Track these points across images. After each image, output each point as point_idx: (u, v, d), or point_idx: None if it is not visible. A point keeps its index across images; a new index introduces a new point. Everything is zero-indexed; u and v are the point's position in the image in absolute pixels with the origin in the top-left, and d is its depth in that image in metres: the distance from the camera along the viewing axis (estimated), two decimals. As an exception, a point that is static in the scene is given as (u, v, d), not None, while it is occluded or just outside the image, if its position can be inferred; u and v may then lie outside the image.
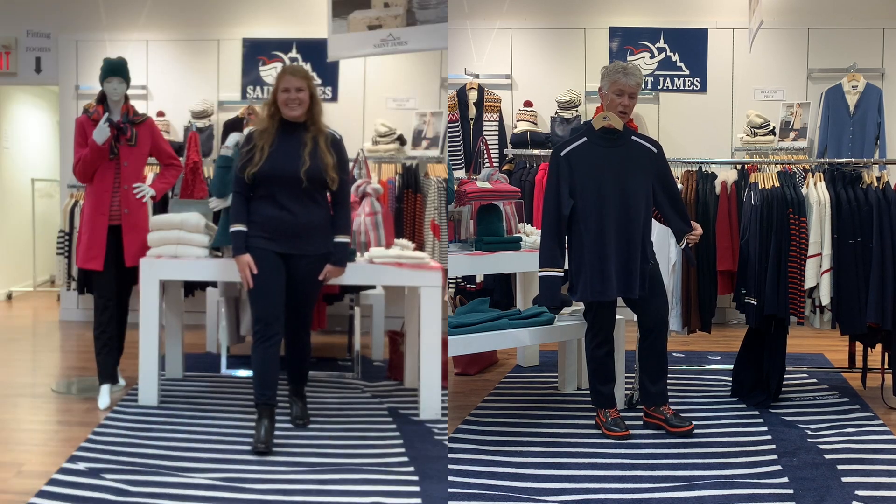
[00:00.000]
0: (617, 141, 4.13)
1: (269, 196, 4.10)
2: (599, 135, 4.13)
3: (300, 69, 4.21)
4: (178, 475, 3.64)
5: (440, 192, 6.54)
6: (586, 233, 4.09)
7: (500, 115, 7.16)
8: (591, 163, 4.10)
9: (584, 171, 4.09)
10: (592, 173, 4.09)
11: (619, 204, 4.08)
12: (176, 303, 5.29)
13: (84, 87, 7.43)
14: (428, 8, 5.70)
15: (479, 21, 7.46)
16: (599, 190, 4.08)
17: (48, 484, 3.53)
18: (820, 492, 3.45)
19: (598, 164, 4.10)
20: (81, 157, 4.75)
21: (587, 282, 4.10)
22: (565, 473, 3.69)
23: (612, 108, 4.19)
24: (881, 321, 4.59)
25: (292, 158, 4.08)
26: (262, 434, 3.99)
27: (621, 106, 4.17)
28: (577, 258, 4.14)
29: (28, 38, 7.67)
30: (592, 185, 4.08)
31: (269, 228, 4.10)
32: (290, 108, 4.10)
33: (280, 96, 4.10)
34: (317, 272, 4.23)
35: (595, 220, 4.08)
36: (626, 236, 4.09)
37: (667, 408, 4.25)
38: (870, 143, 6.84)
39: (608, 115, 4.11)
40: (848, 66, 7.02)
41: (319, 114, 4.20)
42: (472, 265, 4.67)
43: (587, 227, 4.09)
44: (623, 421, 4.22)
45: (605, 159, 4.10)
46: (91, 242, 4.78)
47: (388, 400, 4.91)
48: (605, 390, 4.31)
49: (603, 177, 4.09)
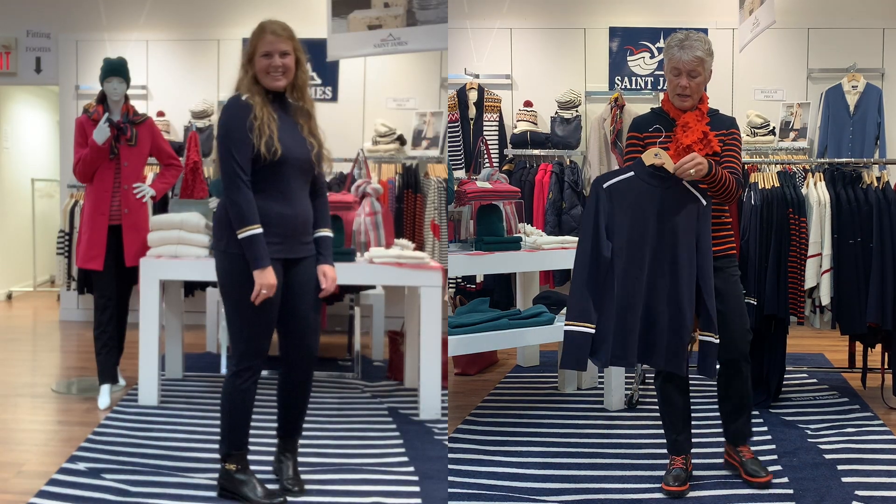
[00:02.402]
0: (666, 182, 3.39)
1: (274, 188, 3.28)
2: (650, 171, 3.41)
3: (284, 26, 3.34)
4: (178, 475, 3.64)
5: (440, 192, 6.54)
6: (619, 283, 3.39)
7: (500, 115, 7.16)
8: (636, 200, 3.40)
9: (626, 210, 3.41)
10: (635, 213, 3.40)
11: (658, 253, 3.39)
12: (176, 303, 5.29)
13: (84, 87, 7.43)
14: (428, 8, 5.70)
15: (479, 21, 7.45)
16: (640, 233, 3.39)
17: (48, 484, 3.52)
18: (820, 492, 3.45)
19: (643, 203, 3.40)
20: (81, 157, 4.75)
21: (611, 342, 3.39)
22: (565, 473, 3.69)
23: (670, 91, 3.51)
24: (881, 321, 4.59)
25: (298, 140, 3.34)
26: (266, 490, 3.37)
27: (679, 89, 3.45)
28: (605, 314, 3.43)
29: (28, 38, 7.67)
30: (635, 227, 3.39)
31: (278, 230, 3.28)
32: (274, 78, 3.28)
33: (260, 62, 3.28)
34: (315, 278, 3.45)
35: (630, 270, 3.39)
36: (661, 296, 3.39)
37: (745, 449, 3.63)
38: (870, 143, 6.84)
39: (660, 152, 3.38)
40: (848, 66, 7.02)
41: (306, 82, 3.43)
42: (472, 265, 4.66)
43: (621, 275, 3.39)
44: (685, 473, 3.53)
45: (651, 200, 3.40)
46: (91, 242, 4.78)
47: (388, 400, 4.91)
48: (667, 435, 3.67)
49: (646, 219, 3.39)
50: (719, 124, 3.54)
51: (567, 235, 5.25)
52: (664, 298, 3.38)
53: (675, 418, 3.61)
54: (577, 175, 6.88)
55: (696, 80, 3.44)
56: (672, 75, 3.46)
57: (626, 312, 3.37)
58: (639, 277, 3.38)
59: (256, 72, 3.29)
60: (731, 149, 3.53)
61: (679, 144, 3.46)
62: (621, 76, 7.31)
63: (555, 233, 6.46)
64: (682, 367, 3.42)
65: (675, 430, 3.61)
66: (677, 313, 3.37)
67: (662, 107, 3.58)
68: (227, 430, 3.37)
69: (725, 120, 3.60)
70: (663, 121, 3.55)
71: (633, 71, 7.32)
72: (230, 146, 3.20)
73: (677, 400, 3.60)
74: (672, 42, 3.47)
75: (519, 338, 4.51)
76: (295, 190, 3.32)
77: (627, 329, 3.37)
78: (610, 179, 3.45)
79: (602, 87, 7.31)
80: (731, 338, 3.51)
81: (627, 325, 3.37)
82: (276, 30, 3.30)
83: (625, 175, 3.45)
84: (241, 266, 3.22)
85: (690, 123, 3.48)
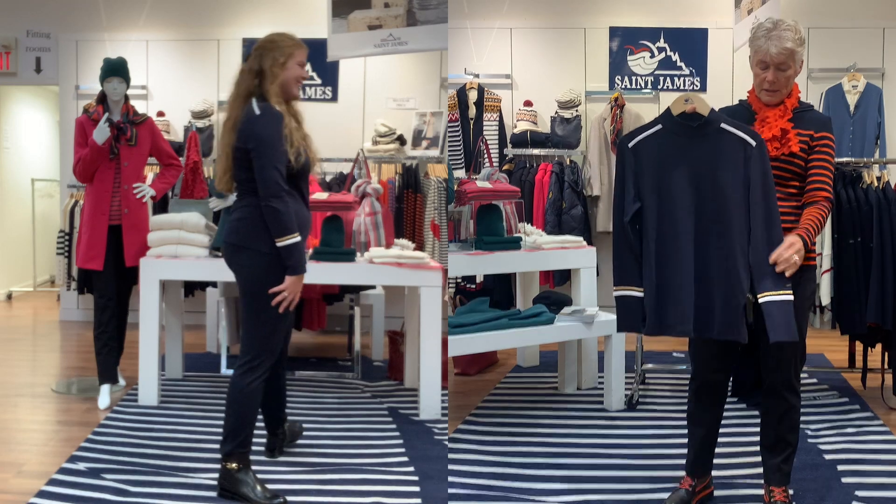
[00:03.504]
0: (702, 129, 3.03)
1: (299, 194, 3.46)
2: (679, 121, 3.06)
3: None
4: (178, 475, 3.64)
5: (440, 192, 6.54)
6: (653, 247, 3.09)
7: (500, 115, 7.15)
8: (665, 156, 3.07)
9: (654, 168, 3.08)
10: (664, 170, 3.07)
11: (699, 212, 3.04)
12: (176, 303, 5.29)
13: (84, 87, 7.43)
14: (428, 8, 5.70)
15: (479, 21, 7.45)
16: (671, 193, 3.06)
17: (48, 484, 3.53)
18: (820, 492, 3.45)
19: (672, 159, 3.06)
20: (81, 157, 4.75)
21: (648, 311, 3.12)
22: (565, 473, 3.69)
23: (756, 86, 3.16)
24: (881, 321, 4.59)
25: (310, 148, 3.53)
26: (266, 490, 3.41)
27: (766, 84, 3.10)
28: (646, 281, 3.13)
29: (28, 38, 7.67)
30: (665, 186, 3.07)
31: (303, 233, 3.43)
32: (300, 88, 3.51)
33: (294, 71, 3.43)
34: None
35: (666, 232, 3.07)
36: (709, 256, 3.03)
37: (779, 492, 3.21)
38: (870, 143, 6.84)
39: (691, 96, 3.04)
40: (848, 66, 7.02)
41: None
42: (472, 265, 4.66)
43: (654, 239, 3.09)
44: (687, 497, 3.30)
45: (684, 153, 3.05)
46: (91, 242, 4.78)
47: (388, 400, 4.91)
48: (688, 453, 3.39)
49: (678, 175, 3.05)
50: (807, 123, 3.13)
51: (567, 235, 5.25)
52: (714, 261, 3.00)
53: (695, 435, 3.32)
54: (577, 175, 6.88)
55: (785, 74, 3.08)
56: (759, 68, 3.11)
57: (667, 280, 3.06)
58: (675, 241, 3.04)
59: (286, 79, 3.41)
60: (822, 159, 3.10)
61: None
62: (621, 76, 7.31)
63: (555, 233, 6.46)
64: (740, 334, 2.99)
65: (692, 448, 3.34)
66: (729, 277, 2.99)
67: (747, 99, 3.24)
68: (231, 429, 3.41)
69: (817, 119, 3.16)
70: (745, 113, 3.19)
71: (633, 71, 7.32)
72: (272, 156, 3.30)
73: (706, 417, 3.30)
74: (759, 32, 3.10)
75: (519, 338, 4.51)
76: (307, 194, 3.51)
77: (672, 297, 3.05)
78: (636, 137, 3.12)
79: (602, 87, 7.31)
80: (777, 363, 3.11)
81: (671, 292, 3.05)
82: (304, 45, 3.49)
83: (652, 130, 3.10)
84: (275, 267, 3.35)
85: (770, 119, 3.13)
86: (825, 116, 3.23)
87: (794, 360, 3.12)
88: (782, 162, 3.09)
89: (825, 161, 3.10)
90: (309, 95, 7.31)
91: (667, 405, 4.74)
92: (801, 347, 3.13)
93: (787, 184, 3.11)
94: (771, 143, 3.08)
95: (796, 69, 3.11)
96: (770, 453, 3.22)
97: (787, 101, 3.14)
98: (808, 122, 3.13)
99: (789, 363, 3.11)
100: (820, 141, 3.11)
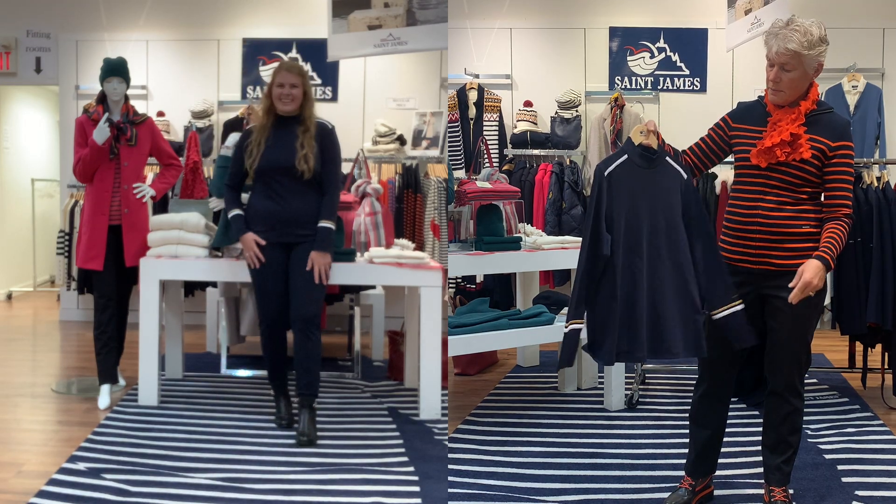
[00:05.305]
0: (654, 162, 3.09)
1: (264, 189, 4.28)
2: (639, 152, 3.09)
3: (296, 66, 4.38)
4: (178, 475, 3.64)
5: (440, 192, 6.53)
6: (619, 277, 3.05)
7: (500, 115, 7.16)
8: (629, 188, 3.08)
9: (624, 196, 3.07)
10: (629, 201, 3.06)
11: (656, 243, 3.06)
12: (176, 303, 5.29)
13: (84, 87, 7.42)
14: (428, 8, 5.70)
15: (479, 21, 7.45)
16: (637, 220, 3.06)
17: (48, 484, 3.52)
18: (820, 492, 3.45)
19: (633, 189, 3.07)
20: (81, 157, 4.75)
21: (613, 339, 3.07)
22: (565, 473, 3.69)
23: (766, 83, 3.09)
24: (881, 321, 4.59)
25: (287, 151, 4.23)
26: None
27: (770, 82, 3.03)
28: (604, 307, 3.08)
29: (28, 38, 7.67)
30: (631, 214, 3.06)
31: (265, 220, 4.27)
32: (283, 103, 4.26)
33: (275, 91, 4.27)
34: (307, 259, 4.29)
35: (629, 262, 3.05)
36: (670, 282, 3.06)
37: (779, 492, 3.20)
38: (870, 143, 6.84)
39: (644, 128, 3.07)
40: (848, 66, 7.02)
41: (311, 109, 4.35)
42: (472, 265, 4.66)
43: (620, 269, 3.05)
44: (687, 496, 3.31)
45: (642, 183, 3.08)
46: (91, 242, 4.78)
47: (388, 400, 4.91)
48: (689, 454, 3.39)
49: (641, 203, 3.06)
50: (823, 129, 3.03)
51: (567, 235, 5.25)
52: (669, 286, 3.04)
53: (699, 436, 3.31)
54: (577, 175, 6.88)
55: (789, 75, 2.99)
56: (767, 65, 3.02)
57: (632, 305, 3.03)
58: (640, 267, 3.03)
59: (272, 99, 4.28)
60: (842, 171, 3.02)
61: (761, 145, 3.05)
62: (621, 76, 7.31)
63: (555, 233, 6.46)
64: (701, 350, 3.06)
65: (694, 449, 3.34)
66: (684, 299, 3.04)
67: (765, 97, 3.14)
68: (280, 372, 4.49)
69: (834, 125, 3.05)
70: (759, 110, 3.12)
71: (633, 71, 7.32)
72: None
73: (712, 419, 3.28)
74: (772, 28, 3.02)
75: (519, 338, 4.51)
76: (286, 190, 4.25)
77: (634, 323, 3.03)
78: (609, 166, 3.13)
79: (602, 87, 7.31)
80: (780, 365, 3.09)
81: (634, 318, 3.03)
82: (289, 67, 4.31)
83: (620, 159, 3.10)
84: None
85: (782, 122, 3.04)
86: (843, 120, 3.11)
87: (797, 363, 3.10)
88: (793, 168, 3.02)
89: (844, 174, 3.03)
90: (309, 95, 7.31)
91: (667, 405, 4.74)
92: (806, 351, 3.12)
93: (799, 189, 3.05)
94: (781, 148, 3.01)
95: (805, 71, 3.02)
96: (771, 453, 3.21)
97: (802, 103, 3.04)
98: (823, 126, 3.03)
99: (793, 366, 3.09)
100: (838, 151, 3.01)
